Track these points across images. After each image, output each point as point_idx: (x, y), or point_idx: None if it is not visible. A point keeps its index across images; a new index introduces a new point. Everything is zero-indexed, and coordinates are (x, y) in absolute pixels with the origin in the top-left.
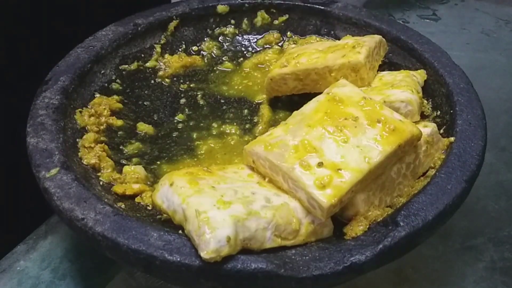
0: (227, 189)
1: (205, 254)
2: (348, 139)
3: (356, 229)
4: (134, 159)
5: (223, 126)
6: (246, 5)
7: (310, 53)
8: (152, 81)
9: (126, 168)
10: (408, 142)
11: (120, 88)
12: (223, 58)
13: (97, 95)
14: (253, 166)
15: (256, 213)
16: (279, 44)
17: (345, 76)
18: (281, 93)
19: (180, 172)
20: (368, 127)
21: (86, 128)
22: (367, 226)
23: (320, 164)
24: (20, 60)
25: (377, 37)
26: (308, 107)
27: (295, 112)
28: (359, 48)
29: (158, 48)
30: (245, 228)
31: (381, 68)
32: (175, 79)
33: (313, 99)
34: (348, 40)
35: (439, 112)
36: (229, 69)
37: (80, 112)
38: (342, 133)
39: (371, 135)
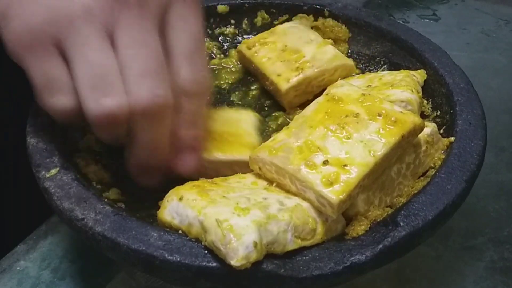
0: (239, 197)
1: (235, 262)
2: (351, 135)
3: (357, 228)
4: None
5: None
6: (246, 5)
7: (271, 49)
8: None
9: None
10: (411, 132)
11: None
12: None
13: None
14: (260, 173)
15: (274, 217)
16: None
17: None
18: (245, 66)
19: (186, 186)
20: (370, 121)
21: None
22: (369, 226)
23: (325, 162)
24: None
25: (340, 61)
26: (309, 110)
27: (296, 116)
28: (296, 73)
29: None
30: (267, 232)
31: (381, 68)
32: None
33: (313, 101)
34: (308, 53)
35: (439, 112)
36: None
37: None
38: (345, 130)
39: (373, 129)
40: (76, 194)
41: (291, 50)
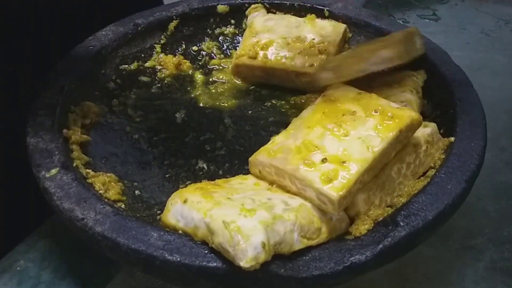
0: (243, 199)
1: (244, 263)
2: (348, 132)
3: (361, 228)
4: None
5: None
6: (246, 5)
7: (277, 44)
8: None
9: None
10: (408, 127)
11: (120, 89)
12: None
13: (97, 94)
14: (260, 176)
15: (280, 217)
16: None
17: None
18: (247, 79)
19: (190, 189)
20: (367, 118)
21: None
22: (372, 225)
23: (324, 160)
24: (20, 60)
25: (342, 28)
26: (306, 112)
27: (294, 119)
28: (323, 56)
29: (158, 48)
30: (274, 233)
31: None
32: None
33: (310, 104)
34: (312, 35)
35: (439, 112)
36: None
37: (73, 112)
38: (342, 128)
39: (370, 126)
40: (76, 194)
41: (294, 39)
